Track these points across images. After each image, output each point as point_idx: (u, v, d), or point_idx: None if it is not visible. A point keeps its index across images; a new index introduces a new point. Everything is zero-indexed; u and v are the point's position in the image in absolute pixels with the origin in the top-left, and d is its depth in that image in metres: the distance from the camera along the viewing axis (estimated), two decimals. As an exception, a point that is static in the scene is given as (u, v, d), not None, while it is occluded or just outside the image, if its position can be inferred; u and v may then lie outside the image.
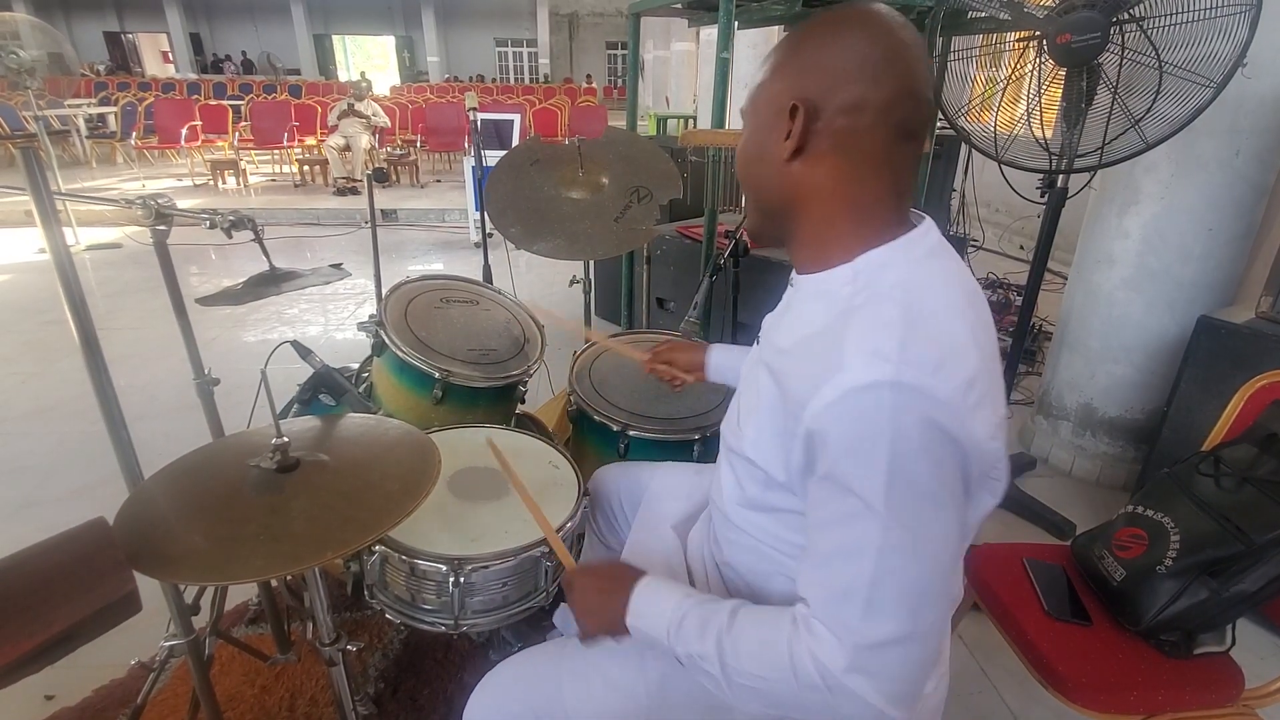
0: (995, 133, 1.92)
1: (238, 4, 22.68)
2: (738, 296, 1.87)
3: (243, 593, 1.80)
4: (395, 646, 1.64)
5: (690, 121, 9.33)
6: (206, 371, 1.32)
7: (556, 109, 9.48)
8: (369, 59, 25.69)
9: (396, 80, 22.30)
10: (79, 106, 8.67)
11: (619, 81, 23.77)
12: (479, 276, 2.06)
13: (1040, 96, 1.82)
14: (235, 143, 7.98)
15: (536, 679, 0.92)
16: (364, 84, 7.87)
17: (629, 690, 0.85)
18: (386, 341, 1.53)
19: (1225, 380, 1.87)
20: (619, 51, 24.08)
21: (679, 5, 2.93)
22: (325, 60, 24.18)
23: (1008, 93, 1.91)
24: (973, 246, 4.91)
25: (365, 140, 7.27)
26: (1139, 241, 2.22)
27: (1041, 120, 1.86)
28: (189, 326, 1.28)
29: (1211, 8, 1.51)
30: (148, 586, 0.77)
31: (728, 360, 1.22)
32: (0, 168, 8.20)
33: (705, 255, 2.58)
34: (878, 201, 0.71)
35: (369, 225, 2.22)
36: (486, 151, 2.97)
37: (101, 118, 8.99)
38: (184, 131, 7.69)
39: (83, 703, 1.49)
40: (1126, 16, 1.61)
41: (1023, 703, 1.58)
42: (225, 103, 8.63)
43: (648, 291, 2.83)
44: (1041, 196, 1.94)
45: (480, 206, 2.08)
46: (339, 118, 7.35)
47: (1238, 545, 1.12)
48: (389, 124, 8.14)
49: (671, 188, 1.86)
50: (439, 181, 8.27)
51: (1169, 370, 2.20)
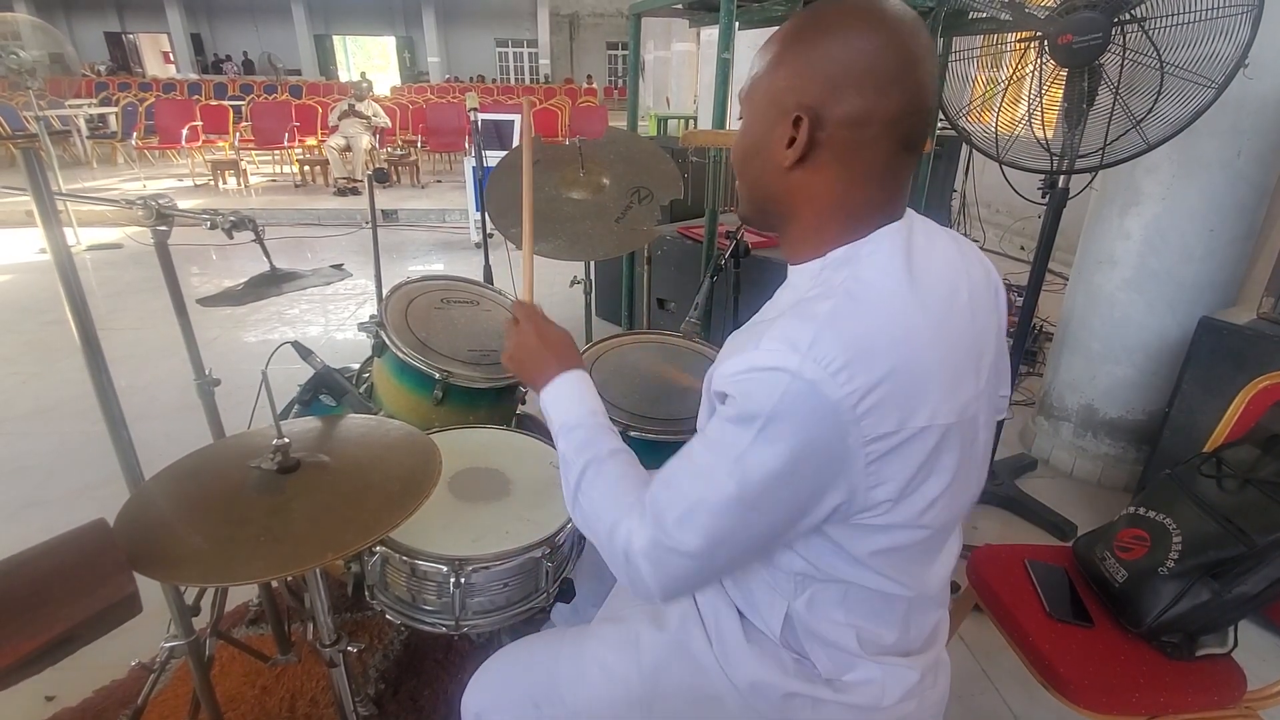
0: (996, 133, 1.92)
1: (238, 4, 22.69)
2: (738, 297, 1.87)
3: (243, 593, 1.80)
4: (396, 647, 1.64)
5: (691, 122, 9.34)
6: (207, 372, 1.32)
7: (557, 109, 9.49)
8: (369, 59, 25.71)
9: (397, 80, 22.29)
10: (80, 107, 8.68)
11: (619, 82, 23.76)
12: (479, 277, 2.06)
13: (1041, 97, 1.82)
14: (236, 143, 8.00)
15: (532, 666, 0.93)
16: (365, 84, 7.88)
17: (623, 677, 0.86)
18: (387, 342, 1.52)
19: (1227, 381, 1.87)
20: (619, 52, 24.07)
21: (680, 5, 2.93)
22: (326, 60, 24.20)
23: (1009, 93, 1.91)
24: (973, 247, 4.90)
25: (366, 140, 7.28)
26: (1140, 242, 2.22)
27: (1043, 121, 1.85)
28: (190, 327, 1.28)
29: (1213, 8, 1.51)
30: (148, 587, 0.77)
31: None
32: (1, 168, 8.21)
33: (706, 256, 2.58)
34: (871, 206, 0.71)
35: (369, 226, 2.22)
36: (487, 152, 2.96)
37: (102, 118, 9.00)
38: (185, 132, 7.70)
39: (83, 703, 1.50)
40: (1128, 17, 1.61)
41: (1024, 704, 1.58)
42: (226, 103, 8.64)
43: (648, 292, 2.82)
44: (1042, 197, 1.93)
45: (481, 207, 2.08)
46: (340, 118, 7.36)
47: (1240, 547, 1.12)
48: (389, 124, 8.15)
49: (672, 188, 1.86)
50: (439, 182, 8.28)
51: (1170, 371, 2.20)
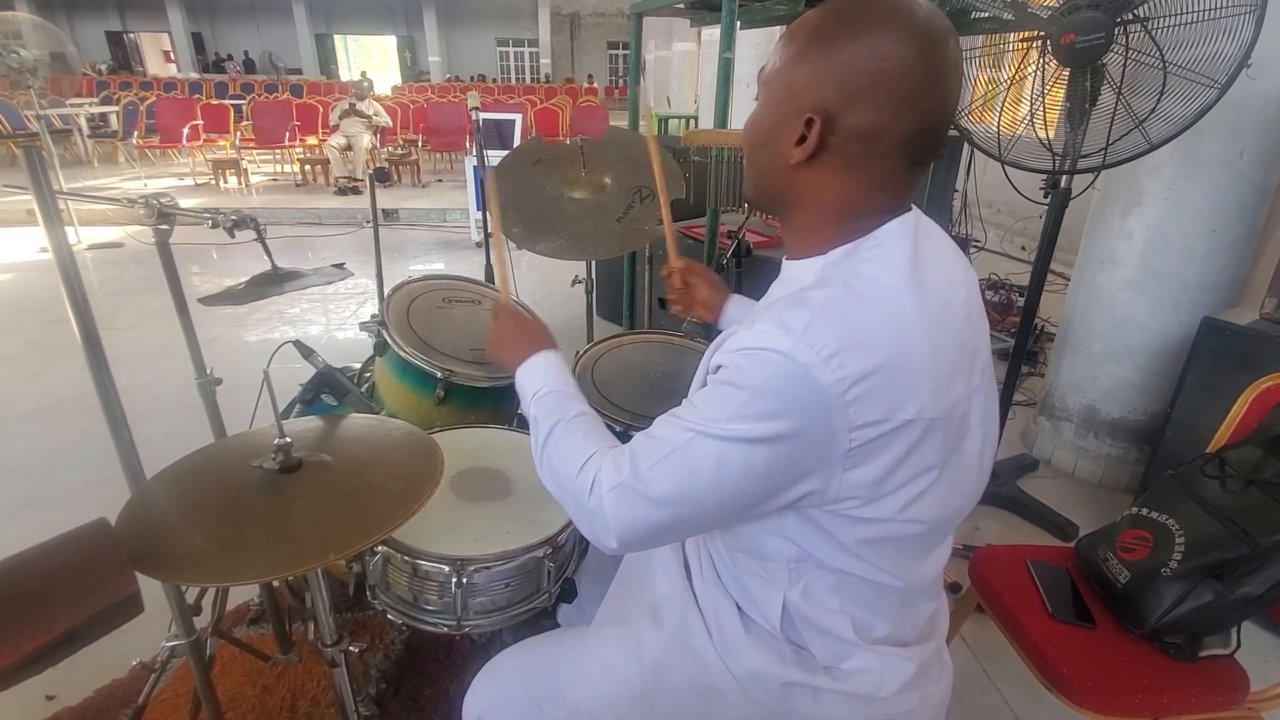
0: (998, 133, 1.91)
1: (239, 3, 22.69)
2: (740, 297, 1.87)
3: (244, 593, 1.80)
4: (397, 647, 1.64)
5: (692, 121, 9.33)
6: (208, 371, 1.32)
7: (558, 109, 9.48)
8: (370, 59, 25.69)
9: (398, 80, 22.28)
10: (81, 106, 8.67)
11: (620, 81, 23.75)
12: (481, 276, 2.06)
13: (1044, 97, 1.81)
14: (237, 142, 8.00)
15: (534, 666, 0.94)
16: (365, 84, 7.87)
17: (624, 674, 0.86)
18: (389, 341, 1.52)
19: (1229, 382, 1.86)
20: (620, 51, 24.07)
21: (681, 5, 2.93)
22: (327, 60, 24.20)
23: (1010, 93, 1.90)
24: (975, 247, 4.90)
25: (367, 140, 7.27)
26: (1142, 242, 2.21)
27: (1045, 121, 1.85)
28: (191, 326, 1.27)
29: (1216, 8, 1.50)
30: (149, 586, 0.76)
31: (743, 312, 1.19)
32: (2, 167, 8.21)
33: (708, 255, 2.57)
34: (874, 211, 0.71)
35: (371, 225, 2.22)
36: (488, 151, 2.96)
37: (103, 117, 8.98)
38: (186, 131, 7.69)
39: (84, 703, 1.50)
40: (1131, 17, 1.61)
41: (1026, 705, 1.58)
42: (227, 102, 8.64)
43: (650, 291, 2.82)
44: (1044, 197, 1.93)
45: (482, 206, 2.08)
46: (340, 117, 7.35)
47: (1243, 548, 1.11)
48: (390, 124, 8.14)
49: (674, 187, 1.86)
50: (440, 181, 8.26)
51: (1172, 372, 2.19)
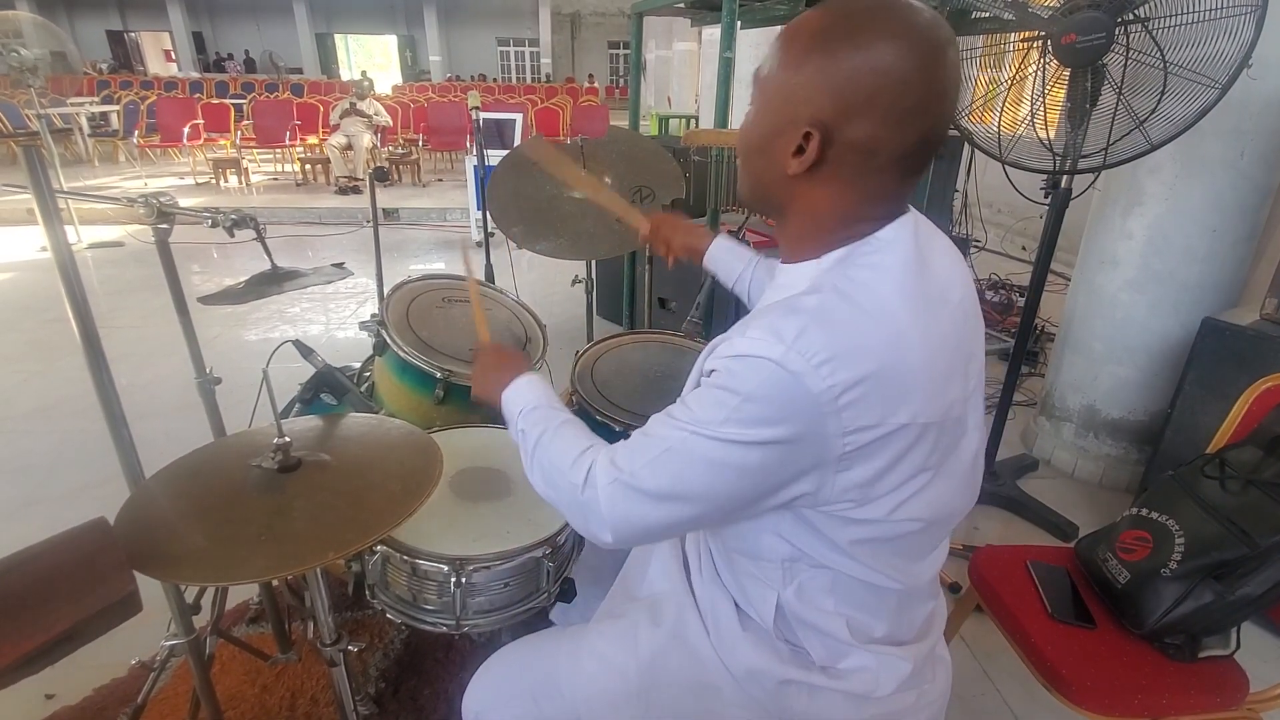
0: (999, 133, 1.91)
1: (240, 3, 22.69)
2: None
3: (243, 592, 1.80)
4: (396, 646, 1.64)
5: (693, 121, 9.33)
6: (208, 370, 1.32)
7: (558, 108, 9.48)
8: (371, 58, 25.69)
9: (398, 79, 22.27)
10: (81, 105, 8.67)
11: (621, 81, 23.75)
12: (481, 276, 2.06)
13: (1044, 97, 1.81)
14: (237, 141, 8.00)
15: (532, 662, 0.95)
16: (366, 83, 7.86)
17: (621, 669, 0.87)
18: (388, 341, 1.52)
19: (1230, 382, 1.86)
20: (621, 51, 24.05)
21: (682, 5, 2.93)
22: (327, 59, 24.18)
23: (1011, 93, 1.90)
24: (975, 247, 4.90)
25: (367, 139, 7.28)
26: (1143, 243, 2.21)
27: (1045, 121, 1.85)
28: (191, 325, 1.28)
29: (1217, 8, 1.50)
30: (148, 585, 0.76)
31: (727, 254, 1.21)
32: (3, 166, 8.21)
33: (707, 255, 2.57)
34: (868, 219, 0.71)
35: (371, 224, 2.21)
36: (488, 150, 2.96)
37: (104, 116, 8.98)
38: (186, 130, 7.69)
39: (83, 702, 1.50)
40: (1131, 17, 1.61)
41: (1026, 705, 1.58)
42: (227, 101, 8.64)
43: (650, 291, 2.82)
44: (1045, 197, 1.93)
45: (482, 206, 2.08)
46: (341, 117, 7.35)
47: (1243, 548, 1.11)
48: (391, 123, 8.14)
49: (674, 188, 1.86)
50: (440, 180, 8.26)
51: (1172, 372, 2.19)
